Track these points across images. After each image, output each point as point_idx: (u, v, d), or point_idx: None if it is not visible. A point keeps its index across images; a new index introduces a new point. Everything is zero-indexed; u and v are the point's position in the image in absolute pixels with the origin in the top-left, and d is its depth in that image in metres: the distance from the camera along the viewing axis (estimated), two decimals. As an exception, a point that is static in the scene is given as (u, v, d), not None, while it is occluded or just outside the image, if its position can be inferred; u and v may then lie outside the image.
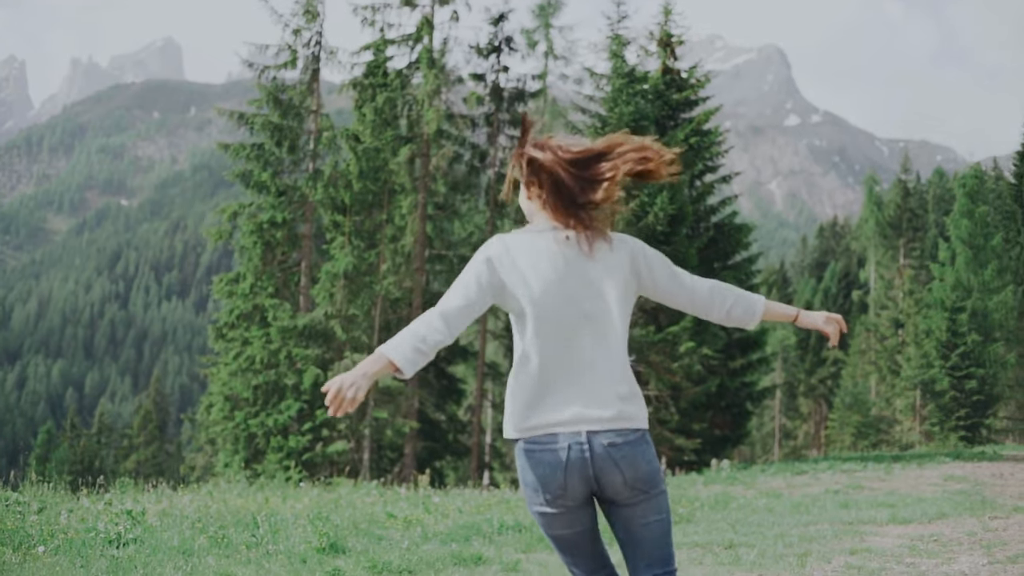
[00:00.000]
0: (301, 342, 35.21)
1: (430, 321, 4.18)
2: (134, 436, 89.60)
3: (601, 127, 34.89)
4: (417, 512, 15.62)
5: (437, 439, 38.53)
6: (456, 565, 10.58)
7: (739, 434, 37.94)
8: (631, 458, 4.15)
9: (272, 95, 38.46)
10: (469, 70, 39.76)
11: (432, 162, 37.69)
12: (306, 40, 39.12)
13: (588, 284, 4.27)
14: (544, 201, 4.45)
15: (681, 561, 10.83)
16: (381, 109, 36.49)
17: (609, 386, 4.23)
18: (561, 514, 4.22)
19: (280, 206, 37.64)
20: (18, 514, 13.66)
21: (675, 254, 33.96)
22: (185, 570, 10.15)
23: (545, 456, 4.14)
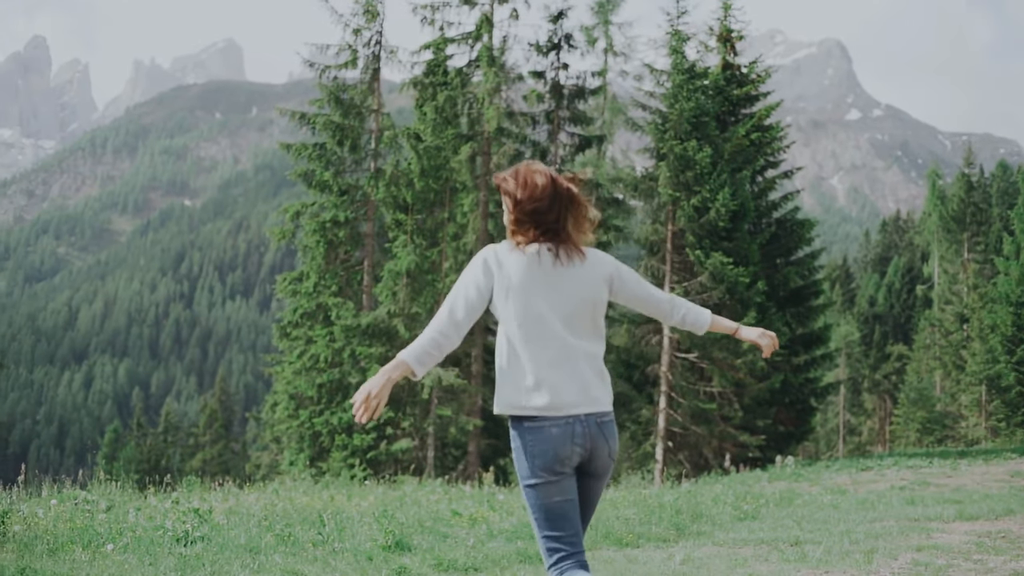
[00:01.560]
0: (364, 340, 35.30)
1: (442, 329, 5.04)
2: (200, 435, 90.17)
3: (662, 123, 34.83)
4: (482, 509, 15.63)
5: (501, 436, 38.49)
6: (521, 562, 10.61)
7: (803, 430, 37.78)
8: (613, 433, 5.18)
9: (333, 95, 38.58)
10: (529, 68, 39.70)
11: (493, 160, 37.72)
12: (366, 40, 39.22)
13: (563, 289, 5.14)
14: (525, 223, 5.23)
15: (747, 558, 10.82)
16: (442, 107, 36.54)
17: (594, 375, 5.17)
18: (557, 482, 5.02)
19: (342, 205, 37.77)
20: (87, 512, 13.79)
21: (737, 250, 33.88)
22: (252, 568, 10.22)
23: (553, 431, 5.01)
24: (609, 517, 14.28)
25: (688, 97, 33.99)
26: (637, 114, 38.50)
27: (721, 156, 34.38)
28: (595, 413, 5.09)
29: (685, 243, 34.09)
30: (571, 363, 5.09)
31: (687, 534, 13.14)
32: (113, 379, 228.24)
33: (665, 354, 34.46)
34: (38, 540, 11.65)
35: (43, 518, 13.20)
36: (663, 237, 35.19)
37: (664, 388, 34.26)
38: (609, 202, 38.77)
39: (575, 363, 5.10)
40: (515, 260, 5.11)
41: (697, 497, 18.05)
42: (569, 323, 5.13)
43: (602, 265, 5.33)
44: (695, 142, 33.32)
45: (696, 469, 33.55)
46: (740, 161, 35.61)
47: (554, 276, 5.13)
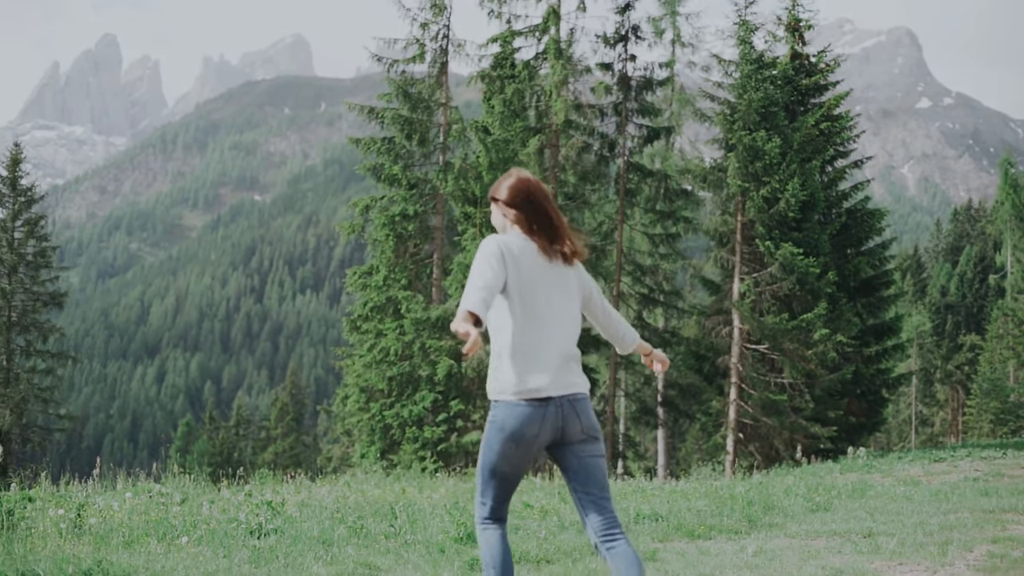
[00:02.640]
0: (435, 333, 35.40)
1: (486, 290, 5.47)
2: (271, 428, 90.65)
3: (731, 114, 34.70)
4: (553, 501, 15.67)
5: (570, 428, 38.49)
6: (593, 554, 10.61)
7: (875, 422, 37.58)
8: (585, 410, 5.78)
9: (401, 89, 38.68)
10: (596, 60, 39.59)
11: (561, 152, 37.68)
12: (434, 33, 39.30)
13: (557, 283, 5.85)
14: (528, 223, 5.91)
15: (820, 550, 10.78)
16: (509, 100, 36.54)
17: (573, 362, 5.82)
18: (520, 455, 5.69)
19: (411, 199, 37.86)
20: (161, 505, 13.94)
21: (807, 241, 33.74)
22: (325, 560, 10.30)
23: (530, 411, 5.61)
24: (680, 509, 14.27)
25: (757, 87, 33.86)
26: (705, 105, 38.41)
27: (790, 146, 34.21)
28: (569, 395, 5.73)
29: (755, 234, 33.96)
30: (553, 350, 5.74)
31: (759, 526, 13.10)
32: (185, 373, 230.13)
33: (735, 345, 34.36)
34: (114, 533, 11.79)
35: (118, 511, 13.35)
36: (732, 228, 35.07)
37: (734, 379, 34.16)
38: (678, 193, 38.68)
39: (557, 350, 5.75)
40: (518, 250, 5.76)
41: (769, 489, 18.01)
42: (557, 315, 5.81)
43: (582, 275, 6.08)
44: (764, 132, 33.18)
45: (767, 460, 33.44)
46: (810, 151, 35.42)
47: (547, 269, 5.83)
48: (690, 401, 39.30)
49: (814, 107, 37.86)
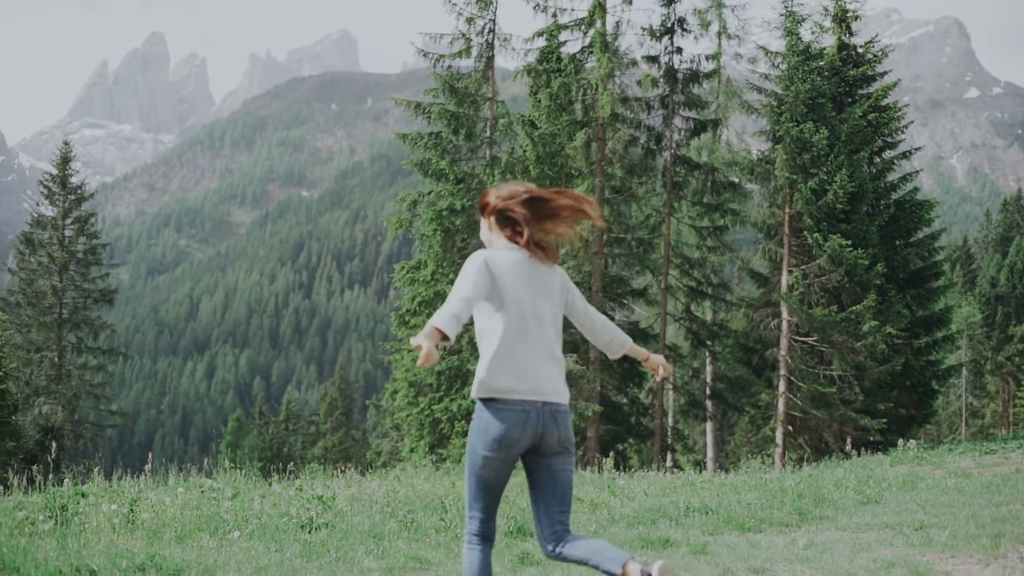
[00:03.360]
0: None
1: (460, 305, 5.63)
2: (321, 423, 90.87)
3: (778, 106, 34.62)
4: (603, 495, 15.67)
5: (620, 422, 38.47)
6: (644, 548, 10.61)
7: (925, 413, 37.39)
8: (565, 422, 5.92)
9: (448, 84, 38.73)
10: (642, 52, 39.54)
11: (608, 146, 37.64)
12: (480, 28, 39.34)
13: (541, 290, 5.99)
14: (512, 234, 6.04)
15: (871, 543, 10.74)
16: (556, 94, 36.53)
17: (557, 370, 5.95)
18: (498, 460, 5.77)
19: (459, 193, 37.91)
20: (213, 500, 14.03)
21: (856, 232, 33.64)
22: (376, 554, 10.33)
23: (511, 415, 5.73)
24: (731, 502, 14.26)
25: (804, 79, 33.77)
26: (752, 97, 38.31)
27: (838, 138, 34.10)
28: (551, 403, 5.86)
29: (803, 226, 33.87)
30: (537, 356, 5.89)
31: (810, 519, 13.07)
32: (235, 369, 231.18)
33: (784, 338, 34.29)
34: (166, 528, 11.88)
35: (170, 506, 13.46)
36: (780, 220, 35.00)
37: (783, 372, 34.10)
38: (725, 186, 38.59)
39: (541, 357, 5.91)
40: (503, 262, 5.90)
41: (819, 481, 17.96)
42: (539, 323, 5.94)
43: (565, 280, 6.20)
44: (811, 124, 33.10)
45: (817, 453, 33.35)
46: (857, 142, 35.28)
47: (532, 279, 5.97)
48: (739, 394, 39.20)
49: (862, 98, 37.72)
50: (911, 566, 9.08)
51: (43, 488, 15.77)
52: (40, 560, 9.40)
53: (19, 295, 46.79)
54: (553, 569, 9.37)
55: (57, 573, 8.88)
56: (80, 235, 48.53)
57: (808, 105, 33.75)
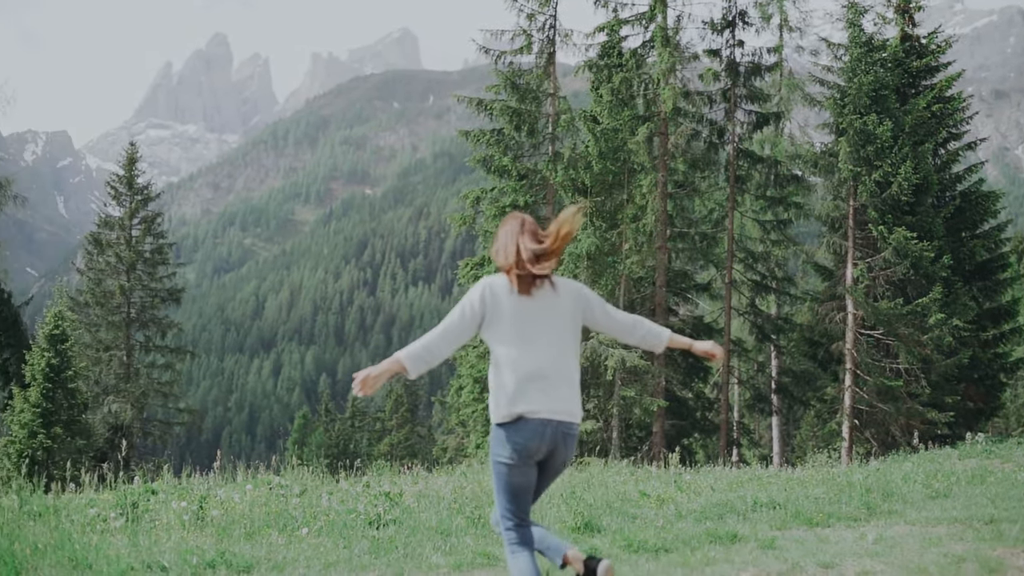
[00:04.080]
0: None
1: (434, 339, 6.26)
2: (386, 419, 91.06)
3: (841, 98, 34.44)
4: (669, 490, 15.66)
5: (685, 417, 38.40)
6: (711, 543, 10.61)
7: (993, 407, 37.07)
8: (572, 445, 6.35)
9: (509, 80, 38.75)
10: (704, 46, 39.45)
11: (670, 140, 37.57)
12: (540, 24, 39.32)
13: (545, 312, 6.34)
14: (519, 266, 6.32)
15: (941, 537, 10.69)
16: (617, 89, 36.47)
17: (567, 388, 6.32)
18: (522, 467, 6.22)
19: (521, 190, 37.93)
20: (281, 497, 14.13)
21: (921, 224, 33.44)
22: (444, 550, 10.38)
23: (528, 431, 6.16)
24: (798, 496, 14.22)
25: (867, 70, 33.58)
26: (815, 89, 38.19)
27: (902, 129, 33.90)
28: (564, 422, 6.26)
29: (867, 219, 33.70)
30: (548, 377, 6.25)
31: (878, 513, 13.01)
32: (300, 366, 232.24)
33: (849, 331, 34.12)
34: (235, 524, 11.98)
35: (239, 503, 13.57)
36: (844, 213, 34.83)
37: (849, 365, 33.93)
38: (788, 179, 38.43)
39: (552, 377, 6.26)
40: (505, 291, 6.32)
41: (887, 475, 17.87)
42: (549, 345, 6.30)
43: (574, 293, 6.54)
44: (875, 116, 32.92)
45: (883, 447, 33.16)
46: (922, 134, 35.06)
47: (535, 305, 6.32)
48: (804, 388, 39.01)
49: (925, 89, 37.47)
50: (982, 561, 9.04)
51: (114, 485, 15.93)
52: (112, 557, 9.52)
53: (88, 295, 47.15)
54: (622, 564, 9.39)
55: (129, 569, 9.00)
56: (147, 235, 48.85)
57: (871, 97, 33.56)
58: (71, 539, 10.40)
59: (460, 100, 40.16)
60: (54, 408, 35.36)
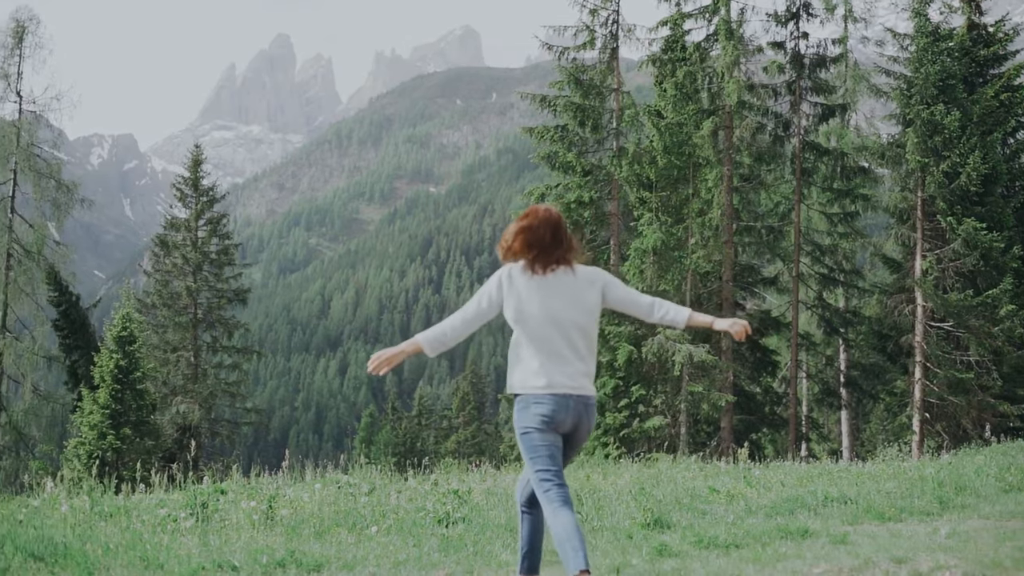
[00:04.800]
0: (613, 319, 35.38)
1: (454, 323, 6.92)
2: (453, 417, 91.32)
3: (907, 88, 34.19)
4: (739, 486, 15.58)
5: (753, 412, 38.23)
6: (783, 538, 10.54)
7: (1068, 398, 36.65)
8: (593, 414, 6.80)
9: (573, 76, 38.74)
10: (768, 39, 39.27)
11: (735, 133, 37.42)
12: (603, 19, 39.30)
13: (561, 292, 6.79)
14: (530, 252, 6.85)
15: (1016, 531, 10.55)
16: (682, 83, 36.36)
17: (581, 366, 6.76)
18: (548, 431, 6.61)
19: (586, 185, 37.92)
20: (350, 496, 14.16)
21: (990, 215, 33.13)
22: (513, 547, 10.34)
23: (554, 404, 6.59)
24: (869, 491, 14.10)
25: (933, 60, 33.32)
26: (880, 80, 37.90)
27: (970, 119, 33.60)
28: (583, 396, 6.70)
29: (936, 210, 33.44)
30: (563, 356, 6.70)
31: (951, 507, 12.88)
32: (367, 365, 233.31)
33: (919, 323, 33.86)
34: (305, 523, 12.02)
35: (308, 502, 13.63)
36: (912, 204, 34.58)
37: (919, 358, 33.67)
38: (855, 171, 38.17)
39: (567, 356, 6.71)
40: (523, 276, 6.81)
41: (959, 469, 17.67)
42: (564, 325, 6.74)
43: (593, 278, 6.97)
44: (942, 106, 32.66)
45: (955, 440, 32.87)
46: (990, 123, 34.71)
47: (552, 288, 6.78)
48: (873, 381, 38.77)
49: (993, 78, 37.08)
50: (1058, 555, 8.92)
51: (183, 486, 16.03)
52: (183, 556, 9.58)
53: (155, 296, 47.52)
54: (692, 561, 9.33)
55: (200, 569, 9.03)
56: (213, 236, 49.18)
57: (938, 87, 33.30)
58: (142, 539, 10.49)
59: (523, 97, 40.21)
60: (123, 409, 35.61)
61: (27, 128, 46.43)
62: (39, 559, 9.51)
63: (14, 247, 45.29)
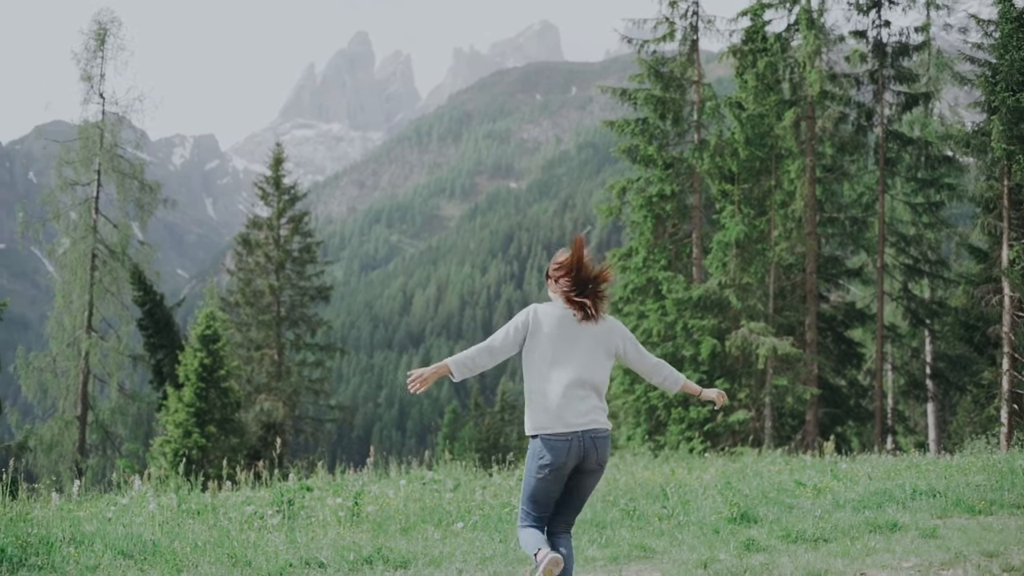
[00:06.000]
0: (697, 313, 35.29)
1: (481, 352, 7.22)
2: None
3: (992, 75, 33.75)
4: (825, 479, 15.49)
5: (838, 404, 37.99)
6: (871, 532, 10.46)
7: None
8: (604, 446, 7.22)
9: (653, 69, 38.66)
10: (849, 28, 39.01)
11: (818, 124, 37.19)
12: (683, 11, 39.19)
13: (583, 339, 7.27)
14: (564, 293, 7.39)
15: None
16: (763, 74, 36.19)
17: (597, 403, 7.26)
18: (550, 480, 7.12)
19: (667, 179, 37.82)
20: (435, 492, 14.23)
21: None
22: (600, 543, 10.37)
23: (560, 444, 7.06)
24: (958, 484, 13.96)
25: (1019, 46, 32.86)
26: (964, 68, 37.44)
27: (1057, 106, 33.15)
28: (590, 430, 7.15)
29: (1023, 198, 33.01)
30: (579, 395, 7.16)
31: (1043, 499, 12.72)
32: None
33: (1007, 314, 33.46)
34: (391, 520, 12.08)
35: (393, 498, 13.68)
36: (999, 193, 34.14)
37: (1007, 349, 33.26)
38: (940, 160, 37.81)
39: (583, 395, 7.18)
40: (549, 316, 7.31)
41: (1050, 461, 17.47)
42: (582, 365, 7.22)
43: (616, 332, 7.47)
44: (1029, 93, 32.24)
45: (1045, 432, 32.48)
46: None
47: (576, 331, 7.28)
48: (960, 373, 38.40)
49: (1081, 64, 36.56)
50: None
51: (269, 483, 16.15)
52: (270, 553, 9.66)
53: (238, 295, 47.97)
54: (780, 555, 9.28)
55: (287, 566, 9.10)
56: (295, 234, 49.57)
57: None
58: (229, 536, 10.58)
59: (603, 90, 40.16)
60: (208, 407, 35.96)
61: (110, 129, 47.01)
62: (128, 556, 9.63)
63: (99, 247, 45.85)
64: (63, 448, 43.61)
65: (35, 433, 43.54)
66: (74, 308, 45.66)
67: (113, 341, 45.40)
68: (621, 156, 39.12)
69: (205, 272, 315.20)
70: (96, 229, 45.92)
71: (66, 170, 47.10)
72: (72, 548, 9.76)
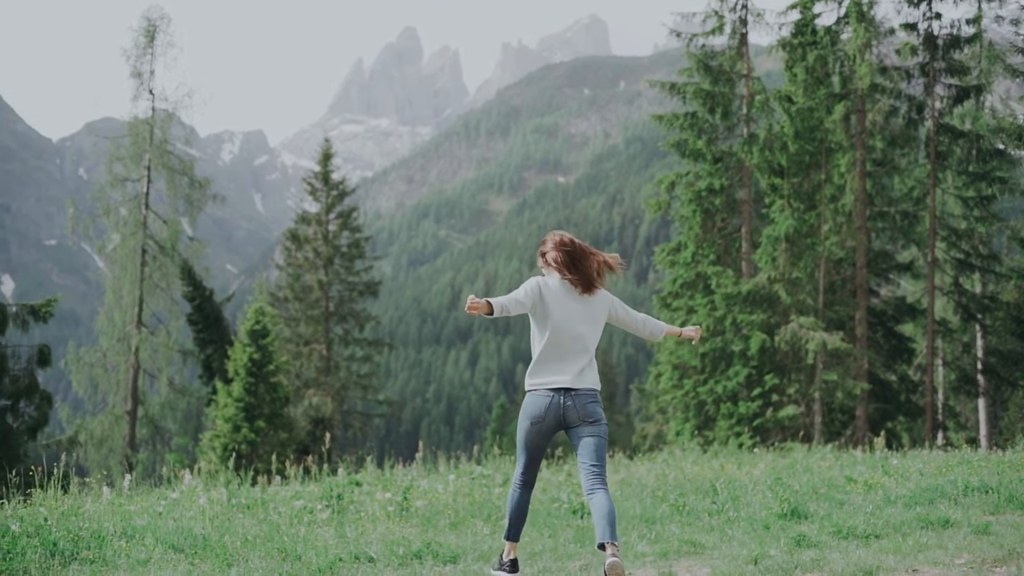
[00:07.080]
0: (746, 308, 35.20)
1: (511, 301, 7.97)
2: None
3: (1045, 67, 33.56)
4: (876, 475, 15.39)
5: (889, 400, 37.81)
6: (923, 528, 10.39)
7: None
8: (583, 401, 8.06)
9: (701, 62, 38.58)
10: (900, 20, 38.78)
11: (868, 117, 37.00)
12: (732, 5, 39.07)
13: (582, 310, 8.29)
14: (563, 268, 8.35)
15: None
16: (812, 68, 36.07)
17: (587, 366, 8.20)
18: (535, 429, 8.11)
19: (717, 173, 37.75)
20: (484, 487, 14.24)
21: None
22: (649, 538, 10.33)
23: (541, 399, 8.07)
24: (1011, 480, 13.83)
25: (1072, 38, 32.66)
26: (1016, 60, 37.23)
27: (1110, 98, 32.91)
28: (573, 389, 8.08)
29: (1076, 192, 32.81)
30: (571, 357, 8.16)
31: (1101, 495, 12.59)
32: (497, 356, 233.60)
33: (1059, 308, 33.25)
34: (440, 515, 12.10)
35: (443, 493, 13.72)
36: (1052, 187, 33.94)
37: (1060, 344, 33.06)
38: (991, 154, 37.55)
39: (574, 357, 8.17)
40: (553, 286, 8.27)
41: (1104, 456, 17.33)
42: (577, 332, 8.22)
43: (606, 300, 8.59)
44: (1082, 85, 32.02)
45: (1100, 426, 32.26)
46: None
47: (575, 302, 8.28)
48: (1012, 368, 38.14)
49: None
50: None
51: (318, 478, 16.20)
52: (320, 548, 9.69)
53: (287, 290, 48.26)
54: (831, 551, 9.23)
55: (337, 561, 9.11)
56: (343, 229, 49.80)
57: (1077, 67, 32.65)
58: (279, 531, 10.64)
59: (652, 84, 40.09)
60: (257, 402, 36.15)
61: (160, 126, 47.28)
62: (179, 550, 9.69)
63: (149, 243, 46.15)
64: (113, 443, 43.92)
65: (86, 428, 43.85)
66: (124, 303, 45.98)
67: (163, 336, 45.71)
68: (670, 150, 39.12)
69: (254, 267, 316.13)
70: (146, 225, 46.23)
71: (116, 166, 47.43)
72: (123, 542, 9.82)
